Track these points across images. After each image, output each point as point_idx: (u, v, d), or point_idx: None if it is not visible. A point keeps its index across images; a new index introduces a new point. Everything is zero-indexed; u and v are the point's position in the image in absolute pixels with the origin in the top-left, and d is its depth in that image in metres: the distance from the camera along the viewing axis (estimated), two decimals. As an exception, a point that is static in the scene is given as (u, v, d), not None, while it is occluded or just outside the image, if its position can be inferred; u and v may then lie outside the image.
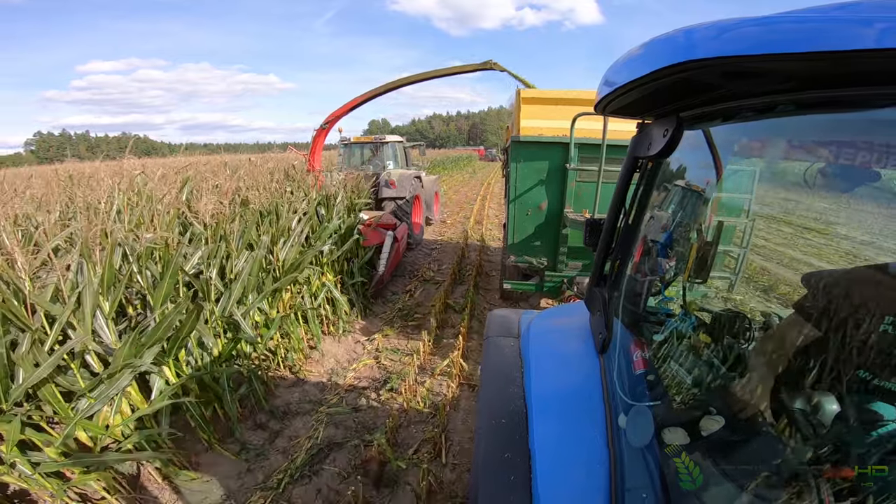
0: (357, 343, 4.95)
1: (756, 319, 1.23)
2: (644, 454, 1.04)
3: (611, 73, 1.00)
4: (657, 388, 1.16)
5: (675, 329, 1.22)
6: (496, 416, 1.35)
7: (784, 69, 0.66)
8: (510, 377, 1.50)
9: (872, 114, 0.71)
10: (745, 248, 1.92)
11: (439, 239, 10.32)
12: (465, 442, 3.25)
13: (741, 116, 0.88)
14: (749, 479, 0.87)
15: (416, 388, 3.93)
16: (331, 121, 7.89)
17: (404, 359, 4.51)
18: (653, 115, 1.10)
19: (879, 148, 0.71)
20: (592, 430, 1.17)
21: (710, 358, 1.12)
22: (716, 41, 0.70)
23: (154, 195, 3.95)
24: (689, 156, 1.11)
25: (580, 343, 1.46)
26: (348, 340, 4.98)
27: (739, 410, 0.98)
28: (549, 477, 1.10)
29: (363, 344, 4.90)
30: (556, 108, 4.51)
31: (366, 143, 9.60)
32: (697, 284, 1.28)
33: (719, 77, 0.75)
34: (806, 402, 0.89)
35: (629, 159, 1.17)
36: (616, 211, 1.24)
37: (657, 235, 1.27)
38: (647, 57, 0.84)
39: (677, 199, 1.23)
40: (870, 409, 0.83)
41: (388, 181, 8.10)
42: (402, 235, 6.87)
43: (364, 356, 4.61)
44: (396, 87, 7.69)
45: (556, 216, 4.65)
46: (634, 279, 1.31)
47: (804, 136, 0.91)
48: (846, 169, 0.76)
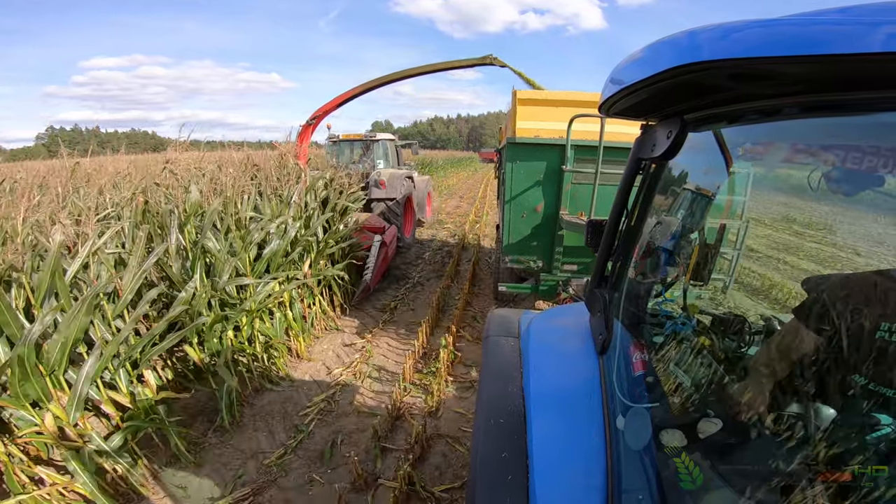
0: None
1: (756, 323, 1.23)
2: (642, 455, 1.04)
3: (616, 73, 1.00)
4: (656, 389, 1.16)
5: (674, 331, 1.22)
6: (495, 415, 1.34)
7: (789, 72, 0.66)
8: (509, 377, 1.49)
9: (877, 117, 0.72)
10: (738, 249, 1.94)
11: (437, 237, 10.49)
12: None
13: (746, 119, 0.88)
14: (745, 482, 0.87)
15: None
16: (319, 116, 7.39)
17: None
18: (657, 116, 1.10)
19: (885, 152, 0.72)
20: (591, 431, 1.17)
21: (709, 361, 1.13)
22: (722, 43, 0.70)
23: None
24: (698, 159, 1.12)
25: (580, 344, 1.46)
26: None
27: (737, 413, 0.99)
28: (547, 477, 1.10)
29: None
30: (553, 109, 4.52)
31: (355, 140, 9.11)
32: (698, 287, 1.29)
33: (725, 79, 0.75)
34: (803, 406, 0.89)
35: (632, 161, 1.17)
36: (618, 212, 1.24)
37: (665, 241, 1.27)
38: (653, 58, 0.84)
39: (686, 203, 1.23)
40: (866, 414, 0.84)
41: (379, 181, 7.75)
42: (391, 239, 6.59)
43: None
44: (390, 82, 7.23)
45: (551, 218, 4.65)
46: (635, 281, 1.31)
47: (809, 140, 0.91)
48: (850, 173, 0.76)
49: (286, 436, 3.34)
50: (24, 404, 2.31)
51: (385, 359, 4.57)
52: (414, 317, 5.61)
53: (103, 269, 2.98)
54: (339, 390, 3.94)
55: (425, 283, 7.01)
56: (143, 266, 2.98)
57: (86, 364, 2.49)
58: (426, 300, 6.13)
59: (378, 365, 4.43)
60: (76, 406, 2.46)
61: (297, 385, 4.04)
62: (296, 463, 3.06)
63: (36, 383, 2.30)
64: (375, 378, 4.22)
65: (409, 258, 8.34)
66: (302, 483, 2.89)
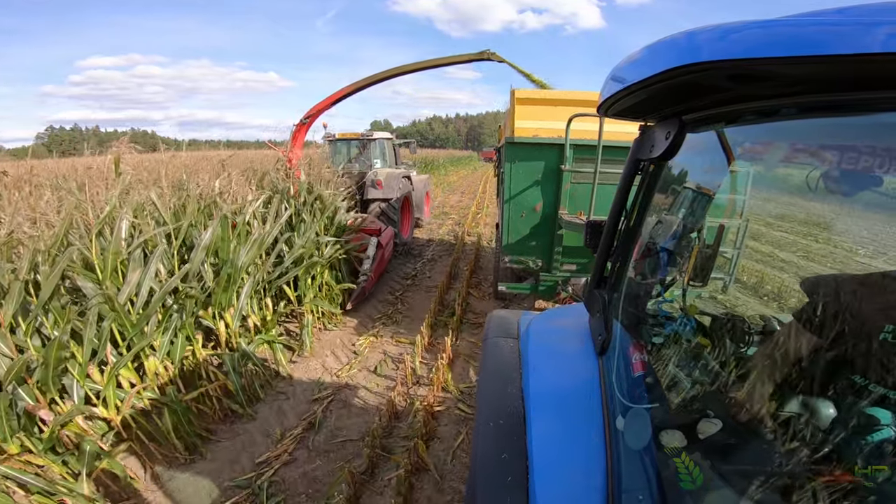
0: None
1: (755, 323, 1.23)
2: (641, 456, 1.04)
3: (615, 74, 1.00)
4: (655, 390, 1.16)
5: (674, 332, 1.22)
6: (494, 416, 1.34)
7: (788, 73, 0.66)
8: (509, 378, 1.49)
9: (876, 118, 0.72)
10: (738, 248, 1.95)
11: (445, 224, 11.53)
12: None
13: (745, 119, 0.88)
14: (745, 482, 0.87)
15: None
16: (313, 115, 7.10)
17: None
18: (655, 117, 1.10)
19: (884, 152, 0.72)
20: (590, 432, 1.17)
21: (708, 361, 1.13)
22: (721, 43, 0.70)
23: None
24: (697, 159, 1.12)
25: (579, 344, 1.46)
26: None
27: (736, 414, 0.99)
28: (547, 477, 1.10)
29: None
30: (551, 108, 4.52)
31: (352, 139, 8.92)
32: (697, 287, 1.29)
33: (724, 80, 0.75)
34: (802, 406, 0.89)
35: (631, 161, 1.17)
36: (617, 213, 1.24)
37: (664, 241, 1.27)
38: (652, 59, 0.84)
39: (686, 203, 1.23)
40: (866, 414, 0.84)
41: (375, 181, 7.58)
42: (388, 241, 6.50)
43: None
44: (386, 79, 6.97)
45: (550, 218, 4.65)
46: (635, 281, 1.31)
47: (808, 140, 0.91)
48: (849, 173, 0.76)
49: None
50: (216, 311, 3.73)
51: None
52: (430, 283, 6.95)
53: (257, 223, 4.56)
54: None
55: (438, 259, 8.44)
56: (279, 222, 4.67)
57: (246, 283, 4.01)
58: (442, 269, 7.58)
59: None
60: (237, 316, 3.91)
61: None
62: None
63: (228, 294, 3.77)
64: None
65: (421, 242, 9.77)
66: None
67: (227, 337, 3.82)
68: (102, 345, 2.78)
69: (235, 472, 2.91)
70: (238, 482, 2.81)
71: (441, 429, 3.32)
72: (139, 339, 2.98)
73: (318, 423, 3.40)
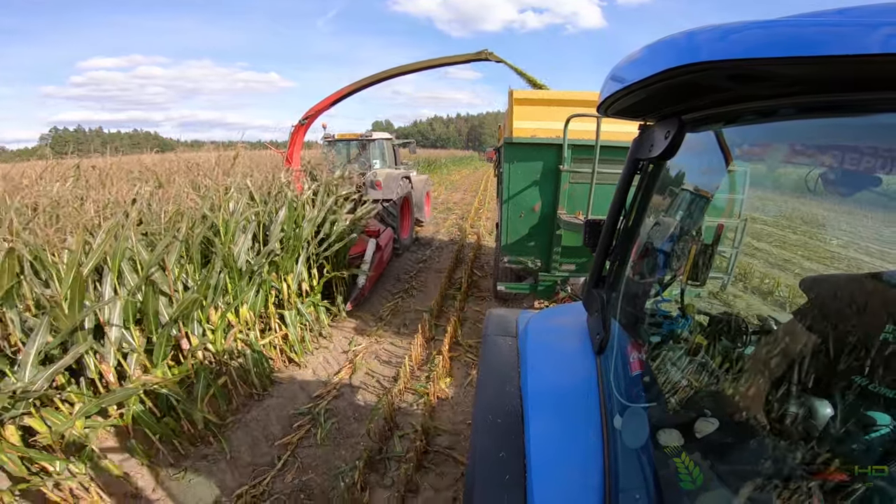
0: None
1: (753, 323, 1.24)
2: (639, 455, 1.04)
3: (615, 74, 1.00)
4: (653, 389, 1.16)
5: (672, 331, 1.22)
6: (492, 414, 1.34)
7: (787, 73, 0.66)
8: (507, 376, 1.50)
9: (875, 118, 0.72)
10: (736, 248, 1.95)
11: (449, 219, 12.62)
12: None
13: (744, 119, 0.89)
14: (742, 482, 0.87)
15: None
16: (312, 115, 7.10)
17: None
18: (655, 116, 1.10)
19: (883, 153, 0.72)
20: (588, 430, 1.17)
21: (705, 360, 1.13)
22: (721, 43, 0.70)
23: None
24: (696, 159, 1.12)
25: (577, 343, 1.46)
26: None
27: (734, 413, 0.99)
28: (544, 476, 1.10)
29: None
30: (550, 108, 4.51)
31: (351, 139, 8.90)
32: (696, 287, 1.29)
33: (724, 80, 0.75)
34: (800, 405, 0.89)
35: (630, 161, 1.17)
36: (616, 212, 1.24)
37: (662, 241, 1.27)
38: (651, 59, 0.84)
39: (684, 203, 1.23)
40: (864, 414, 0.84)
41: (374, 182, 7.59)
42: (387, 242, 6.51)
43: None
44: (385, 79, 6.97)
45: (549, 218, 4.65)
46: (633, 281, 1.31)
47: (807, 140, 0.91)
48: (848, 174, 0.76)
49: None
50: (282, 275, 4.62)
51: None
52: (439, 266, 7.86)
53: (308, 207, 5.25)
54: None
55: (444, 247, 9.44)
56: (327, 205, 5.54)
57: (302, 254, 4.87)
58: (448, 255, 8.52)
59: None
60: (296, 280, 4.78)
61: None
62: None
63: (290, 262, 4.69)
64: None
65: (429, 233, 10.75)
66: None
67: (287, 296, 4.68)
68: (220, 293, 3.76)
69: (297, 404, 3.75)
70: (301, 410, 3.66)
71: (455, 371, 4.33)
72: (240, 292, 3.97)
73: (355, 367, 4.38)
